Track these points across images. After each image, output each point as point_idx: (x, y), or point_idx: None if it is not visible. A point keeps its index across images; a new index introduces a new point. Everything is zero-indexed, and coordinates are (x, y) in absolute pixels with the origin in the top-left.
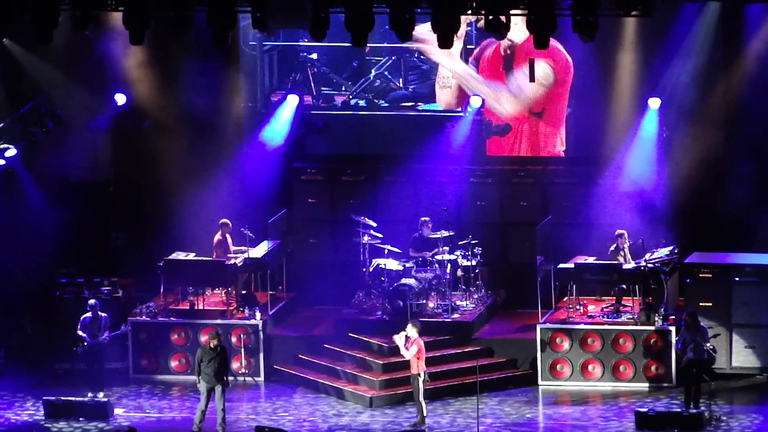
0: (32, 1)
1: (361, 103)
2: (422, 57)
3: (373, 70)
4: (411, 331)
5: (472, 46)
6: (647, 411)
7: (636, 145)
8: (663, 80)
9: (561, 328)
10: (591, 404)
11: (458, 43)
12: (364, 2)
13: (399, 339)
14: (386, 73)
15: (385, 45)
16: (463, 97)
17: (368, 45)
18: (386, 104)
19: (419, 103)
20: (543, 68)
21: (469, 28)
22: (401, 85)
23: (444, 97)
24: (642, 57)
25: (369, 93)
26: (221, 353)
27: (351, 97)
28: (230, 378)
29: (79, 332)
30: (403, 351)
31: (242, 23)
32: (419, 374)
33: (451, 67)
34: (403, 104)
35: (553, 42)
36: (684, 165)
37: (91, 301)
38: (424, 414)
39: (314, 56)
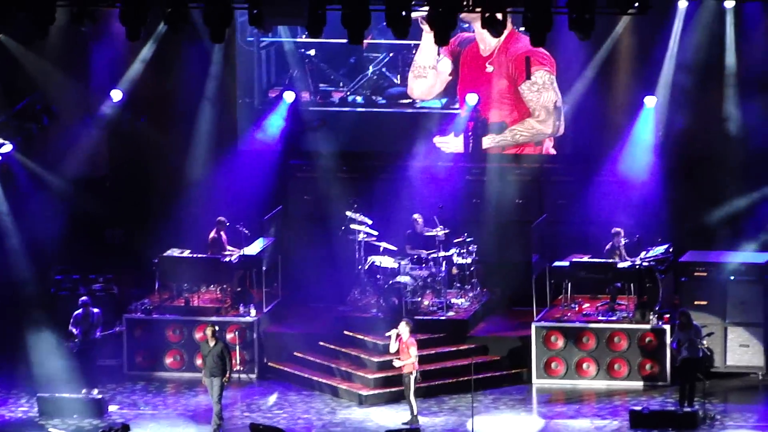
0: None
1: (359, 99)
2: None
3: (370, 67)
4: (403, 329)
5: None
6: (642, 409)
7: (631, 143)
8: (659, 78)
9: (556, 326)
10: (585, 403)
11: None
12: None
13: (392, 336)
14: (384, 69)
15: (384, 41)
16: (443, 89)
17: (366, 41)
18: (384, 101)
19: (417, 100)
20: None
21: None
22: (399, 82)
23: (418, 87)
24: (638, 55)
25: (366, 90)
26: (216, 346)
27: (348, 93)
28: (230, 373)
29: (71, 329)
30: (392, 347)
31: (239, 19)
32: (411, 372)
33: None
34: (401, 101)
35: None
36: (680, 163)
37: (83, 298)
38: (415, 413)
39: (312, 52)
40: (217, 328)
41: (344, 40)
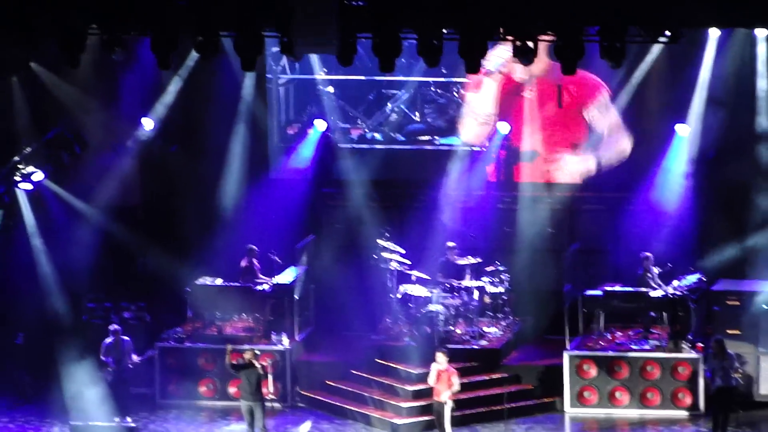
0: (59, 26)
1: (378, 136)
2: (439, 91)
3: (389, 104)
4: (441, 359)
5: None
6: None
7: (663, 171)
8: (691, 106)
9: (588, 355)
10: None
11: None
12: (391, 28)
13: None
14: (403, 106)
15: (403, 78)
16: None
17: (384, 78)
18: (403, 138)
19: (436, 137)
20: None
21: None
22: (418, 119)
23: (476, 133)
24: (670, 83)
25: (385, 126)
26: (255, 370)
27: (367, 130)
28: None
29: (102, 357)
30: (431, 380)
31: (271, 49)
32: (447, 402)
33: None
34: (420, 137)
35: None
36: (712, 190)
37: (112, 326)
38: None
39: (330, 89)
40: (258, 352)
41: (363, 77)
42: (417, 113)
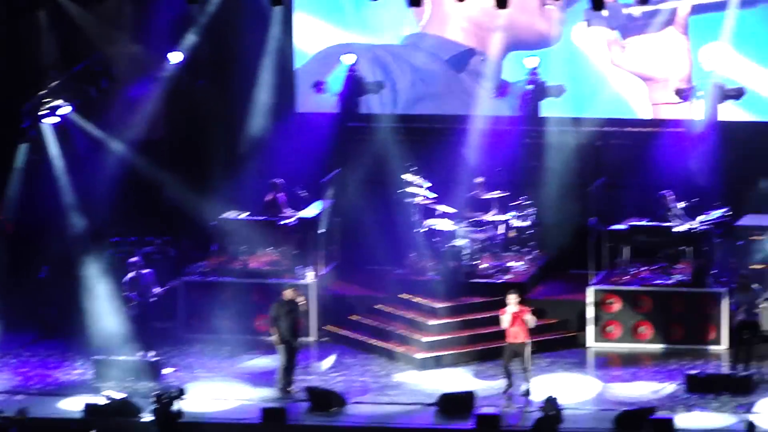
0: None
1: None
2: None
3: None
4: (513, 300)
5: None
6: (698, 373)
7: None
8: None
9: (612, 290)
10: (641, 366)
11: None
12: None
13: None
14: None
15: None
16: None
17: None
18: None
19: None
20: None
21: None
22: None
23: None
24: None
25: None
26: (296, 308)
27: None
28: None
29: (126, 293)
30: (504, 322)
31: None
32: (525, 342)
33: None
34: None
35: None
36: (737, 127)
37: (132, 259)
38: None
39: None
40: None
41: None
42: None
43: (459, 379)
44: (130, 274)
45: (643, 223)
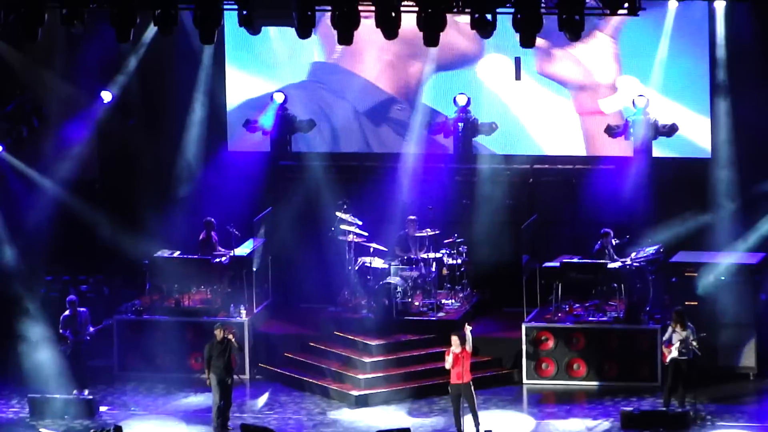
0: None
1: None
2: None
3: None
4: (455, 342)
5: None
6: (632, 410)
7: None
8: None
9: (546, 327)
10: (576, 403)
11: None
12: (350, 0)
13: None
14: None
15: None
16: None
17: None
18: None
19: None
20: None
21: None
22: None
23: None
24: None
25: None
26: (228, 345)
27: None
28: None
29: (61, 331)
30: (447, 363)
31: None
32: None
33: None
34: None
35: None
36: (671, 163)
37: (70, 296)
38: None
39: None
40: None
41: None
42: None
43: (393, 417)
44: (67, 312)
45: (575, 260)
